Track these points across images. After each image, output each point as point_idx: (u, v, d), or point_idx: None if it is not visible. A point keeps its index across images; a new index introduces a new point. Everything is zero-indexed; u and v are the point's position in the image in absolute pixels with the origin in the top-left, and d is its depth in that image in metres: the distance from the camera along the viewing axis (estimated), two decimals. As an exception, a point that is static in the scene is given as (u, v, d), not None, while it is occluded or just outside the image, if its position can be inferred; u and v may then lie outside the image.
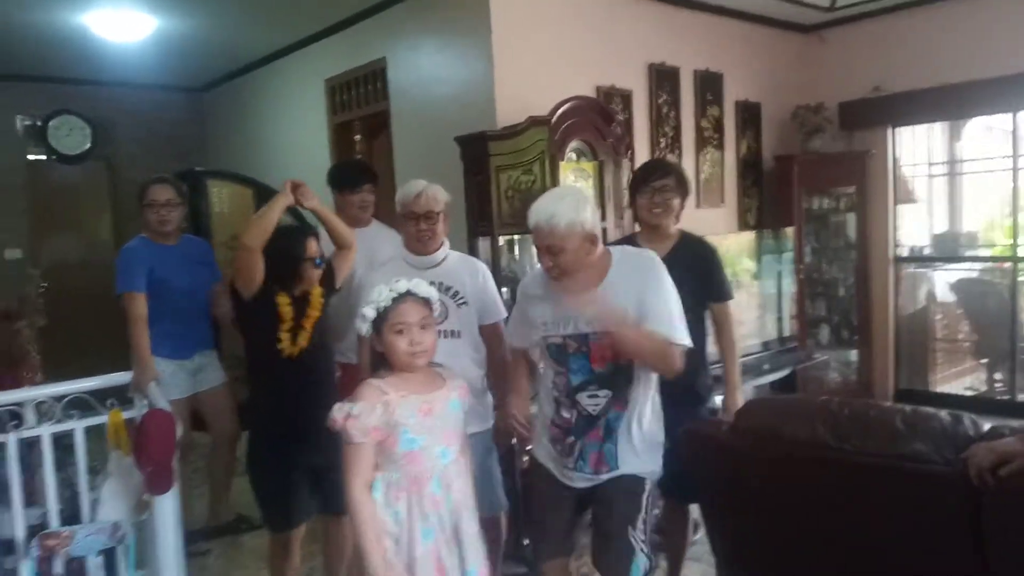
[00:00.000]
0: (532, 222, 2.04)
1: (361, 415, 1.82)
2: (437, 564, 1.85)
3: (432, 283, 2.61)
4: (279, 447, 2.59)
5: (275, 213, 2.64)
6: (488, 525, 2.79)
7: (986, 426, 1.90)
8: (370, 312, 1.91)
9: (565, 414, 2.16)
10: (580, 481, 2.16)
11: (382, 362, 1.93)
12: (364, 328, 1.93)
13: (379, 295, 1.91)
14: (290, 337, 2.58)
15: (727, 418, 2.60)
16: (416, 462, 1.87)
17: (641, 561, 2.07)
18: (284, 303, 2.59)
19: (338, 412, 1.84)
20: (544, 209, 2.03)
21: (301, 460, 2.58)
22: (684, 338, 2.08)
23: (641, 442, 2.14)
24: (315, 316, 2.61)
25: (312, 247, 2.61)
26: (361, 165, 4.03)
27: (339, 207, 3.27)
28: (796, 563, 2.07)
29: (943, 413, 1.93)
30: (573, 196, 2.07)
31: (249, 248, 2.57)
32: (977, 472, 1.72)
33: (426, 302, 1.94)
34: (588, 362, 2.10)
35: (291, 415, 2.56)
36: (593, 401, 2.11)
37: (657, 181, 2.79)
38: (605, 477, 2.13)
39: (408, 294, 1.91)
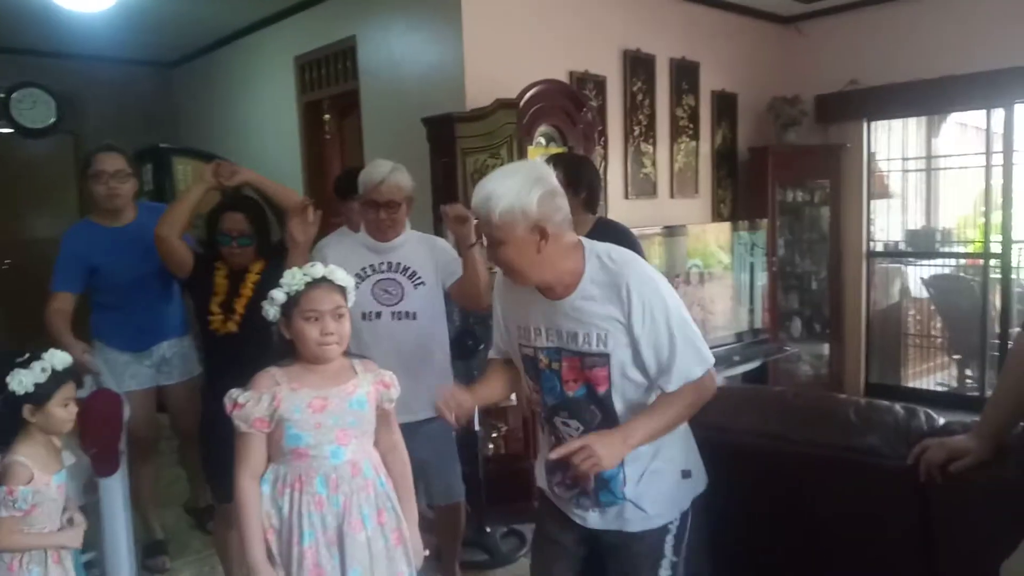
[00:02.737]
0: (472, 205, 1.68)
1: (247, 404, 1.74)
2: (315, 567, 1.76)
3: (390, 264, 2.61)
4: (215, 423, 2.50)
5: (189, 200, 2.56)
6: (447, 513, 2.78)
7: (941, 421, 1.87)
8: (279, 296, 1.78)
9: (551, 438, 1.83)
10: (586, 518, 1.82)
11: (289, 349, 1.82)
12: (272, 312, 1.80)
13: (291, 278, 1.78)
14: (221, 313, 2.51)
15: None
16: (302, 459, 1.77)
17: None
18: (220, 275, 2.54)
19: (228, 399, 1.77)
20: (482, 189, 1.63)
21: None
22: (702, 362, 1.69)
23: (659, 484, 1.76)
24: (246, 297, 2.51)
25: (225, 222, 2.51)
26: (355, 170, 3.86)
27: (343, 215, 3.11)
28: (748, 554, 2.03)
29: (897, 407, 1.90)
30: (522, 175, 1.63)
31: (160, 238, 2.51)
32: (926, 468, 1.69)
33: (341, 290, 1.82)
34: (560, 382, 1.74)
35: (219, 394, 2.49)
36: (567, 430, 1.77)
37: None
38: (613, 522, 1.78)
39: (323, 280, 1.79)
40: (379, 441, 1.91)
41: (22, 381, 1.92)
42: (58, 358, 2.00)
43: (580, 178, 2.78)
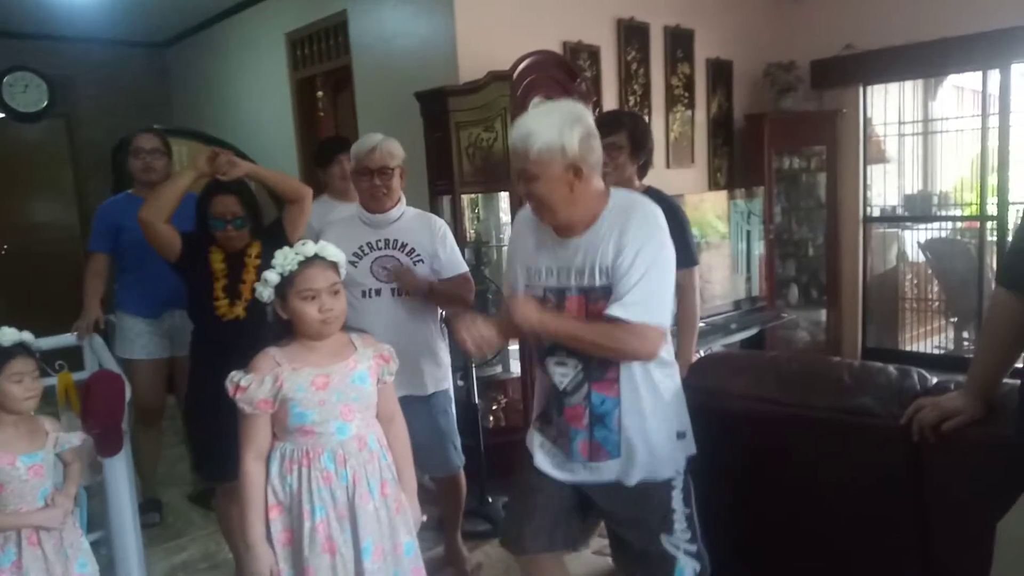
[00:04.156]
0: (510, 140, 1.76)
1: (250, 387, 1.74)
2: (326, 540, 1.78)
3: (388, 240, 2.63)
4: (212, 407, 2.44)
5: (177, 186, 2.54)
6: (447, 484, 2.81)
7: (934, 380, 1.89)
8: (273, 277, 1.78)
9: (545, 383, 1.90)
10: (581, 473, 1.85)
11: (286, 329, 1.82)
12: (266, 293, 1.80)
13: (284, 258, 1.78)
14: (227, 298, 2.49)
15: None
16: (308, 436, 1.78)
17: (686, 565, 1.80)
18: (217, 259, 2.52)
19: (230, 382, 1.76)
20: (521, 126, 1.71)
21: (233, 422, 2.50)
22: (644, 313, 1.69)
23: (655, 435, 1.80)
24: (251, 282, 2.47)
25: (217, 206, 2.49)
26: (334, 138, 3.92)
27: (325, 184, 3.26)
28: (743, 515, 2.07)
29: (891, 368, 1.92)
30: (561, 114, 1.71)
31: (144, 222, 2.49)
32: (919, 428, 1.72)
33: (334, 266, 1.82)
34: None
35: (217, 378, 2.49)
36: (561, 370, 1.82)
37: (605, 138, 2.65)
38: (609, 475, 1.81)
39: (316, 258, 1.79)
40: (379, 413, 1.93)
41: None
42: (6, 335, 1.96)
43: (644, 144, 2.75)
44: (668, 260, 1.75)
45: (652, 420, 1.80)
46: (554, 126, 1.67)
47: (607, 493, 1.84)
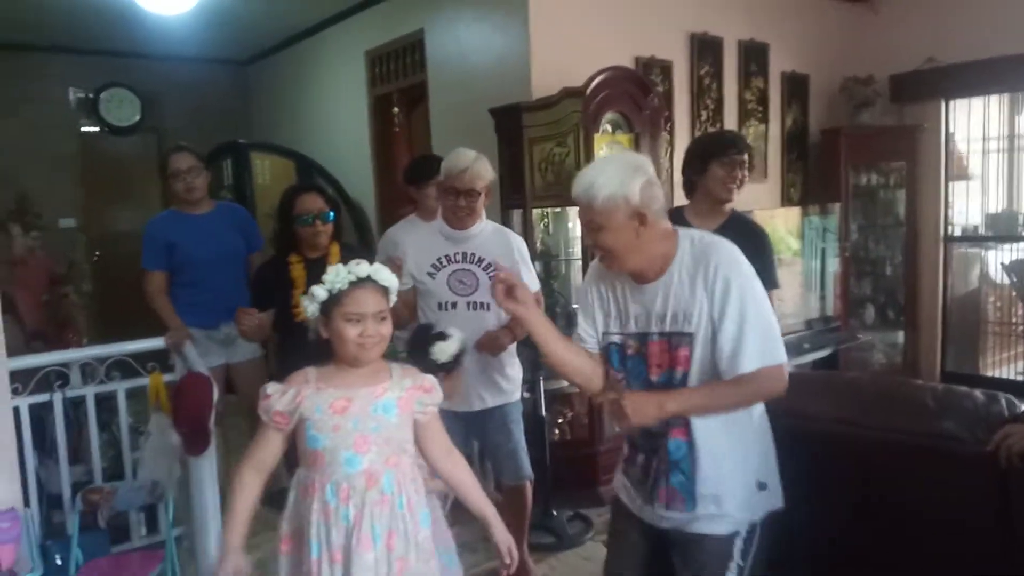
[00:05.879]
0: (573, 192, 1.74)
1: (272, 396, 1.67)
2: None
3: (465, 255, 2.68)
4: None
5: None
6: (515, 493, 2.84)
7: (1022, 407, 1.84)
8: (320, 293, 1.67)
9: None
10: (657, 520, 1.84)
11: (326, 349, 1.71)
12: (311, 309, 1.69)
13: (335, 275, 1.66)
14: None
15: None
16: (317, 463, 1.66)
17: None
18: (296, 264, 2.59)
19: (262, 391, 1.70)
20: (584, 178, 1.71)
21: None
22: (767, 357, 1.68)
23: (731, 483, 1.75)
24: None
25: (303, 204, 2.54)
26: (428, 158, 3.94)
27: (419, 203, 3.27)
28: (823, 540, 2.03)
29: (977, 392, 1.88)
30: (621, 164, 1.72)
31: None
32: (1007, 455, 1.67)
33: (385, 291, 1.70)
34: (645, 368, 1.79)
35: None
36: None
37: (738, 155, 2.70)
38: (682, 520, 1.79)
39: (368, 280, 1.67)
40: (431, 450, 1.81)
41: (444, 350, 2.15)
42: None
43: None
44: (760, 292, 1.74)
45: (728, 465, 1.76)
46: (615, 176, 1.68)
47: (675, 534, 1.84)
